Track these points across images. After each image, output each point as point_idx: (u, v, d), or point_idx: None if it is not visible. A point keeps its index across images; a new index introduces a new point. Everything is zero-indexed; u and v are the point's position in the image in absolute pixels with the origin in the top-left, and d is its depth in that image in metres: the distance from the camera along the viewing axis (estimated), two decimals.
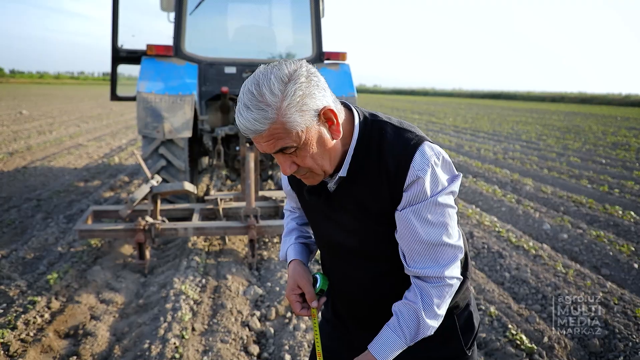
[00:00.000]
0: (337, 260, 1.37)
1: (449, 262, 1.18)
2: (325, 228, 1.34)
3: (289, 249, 1.49)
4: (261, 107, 1.01)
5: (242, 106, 1.03)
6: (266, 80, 1.02)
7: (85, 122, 16.15)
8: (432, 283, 1.18)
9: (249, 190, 4.21)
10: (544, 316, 3.42)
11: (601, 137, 14.76)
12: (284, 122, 1.02)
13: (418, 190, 1.13)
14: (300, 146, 1.07)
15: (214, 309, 3.42)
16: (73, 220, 5.26)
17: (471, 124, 19.13)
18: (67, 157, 9.23)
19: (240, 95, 1.05)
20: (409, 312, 1.19)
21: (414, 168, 1.12)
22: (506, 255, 4.42)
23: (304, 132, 1.06)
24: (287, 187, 1.48)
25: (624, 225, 5.45)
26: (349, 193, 1.22)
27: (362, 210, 1.21)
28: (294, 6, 5.92)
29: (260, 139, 1.05)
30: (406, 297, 1.22)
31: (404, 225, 1.16)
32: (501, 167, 9.21)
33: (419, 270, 1.18)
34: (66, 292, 3.60)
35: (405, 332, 1.19)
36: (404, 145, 1.15)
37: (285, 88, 1.02)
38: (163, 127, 4.53)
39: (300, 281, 1.35)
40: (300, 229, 1.56)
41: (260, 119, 1.01)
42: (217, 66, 5.12)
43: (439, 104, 37.33)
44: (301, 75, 1.04)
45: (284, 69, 1.04)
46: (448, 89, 74.49)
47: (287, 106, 1.02)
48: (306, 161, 1.11)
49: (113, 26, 5.14)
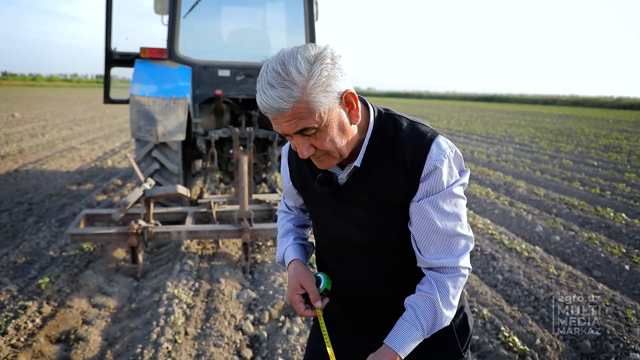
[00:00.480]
0: (341, 258, 1.35)
1: (462, 252, 1.20)
2: (332, 223, 1.32)
3: (287, 249, 1.44)
4: (286, 85, 1.01)
5: (265, 84, 1.03)
6: (293, 59, 1.03)
7: (78, 124, 16.07)
8: (448, 273, 1.20)
9: (242, 194, 4.20)
10: (536, 318, 3.43)
11: (593, 139, 14.87)
12: (309, 101, 1.03)
13: (435, 181, 1.15)
14: (321, 128, 1.08)
15: (207, 312, 3.41)
16: (65, 224, 5.23)
17: (465, 126, 19.21)
18: (59, 160, 9.18)
19: (262, 74, 1.05)
20: (426, 303, 1.19)
21: (432, 158, 1.14)
22: (499, 257, 4.44)
23: (326, 113, 1.07)
24: (287, 183, 1.45)
25: (615, 227, 5.49)
26: (362, 184, 1.22)
27: (376, 201, 1.21)
28: (288, 9, 5.93)
29: (282, 118, 1.05)
30: (420, 290, 1.22)
31: (421, 215, 1.17)
32: (494, 169, 9.26)
33: (435, 261, 1.19)
34: (58, 296, 3.58)
35: (423, 323, 1.19)
36: (420, 137, 1.17)
37: (312, 68, 1.03)
38: (156, 130, 4.52)
39: (303, 281, 1.31)
40: (297, 230, 1.52)
41: (285, 97, 1.01)
42: (211, 69, 5.11)
43: (433, 107, 37.48)
44: (326, 56, 1.05)
45: (310, 50, 1.05)
46: (442, 92, 74.77)
47: (313, 85, 1.03)
48: (325, 144, 1.11)
49: (106, 29, 5.13)
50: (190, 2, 5.12)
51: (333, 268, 1.39)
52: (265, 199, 4.82)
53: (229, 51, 5.79)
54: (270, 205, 4.69)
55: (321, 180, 1.26)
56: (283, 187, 1.51)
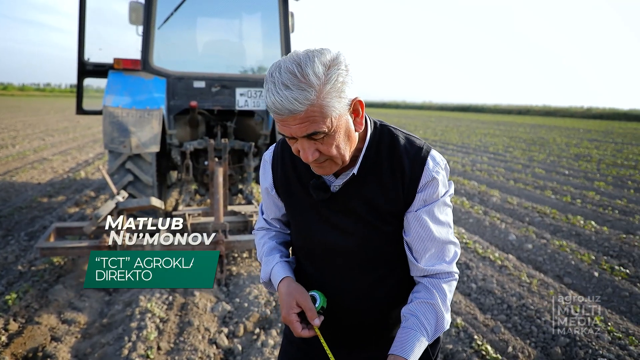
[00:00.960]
0: (328, 269, 1.33)
1: (453, 258, 1.26)
2: (319, 232, 1.30)
3: (275, 267, 1.37)
4: (303, 87, 1.01)
5: (279, 85, 1.02)
6: (310, 61, 1.03)
7: (51, 135, 15.74)
8: (443, 279, 1.24)
9: (217, 205, 4.18)
10: (508, 326, 3.49)
11: (564, 148, 15.24)
12: (323, 105, 1.04)
13: (432, 191, 1.21)
14: (329, 133, 1.09)
15: (180, 326, 3.37)
16: (35, 237, 5.10)
17: (441, 136, 19.49)
18: (30, 172, 8.97)
19: (274, 74, 1.03)
20: (427, 309, 1.22)
21: (429, 169, 1.20)
22: (473, 266, 4.50)
23: (337, 118, 1.08)
24: (271, 192, 1.40)
25: (585, 235, 5.62)
26: (356, 192, 1.23)
27: (370, 209, 1.23)
28: (264, 21, 5.95)
29: (293, 120, 1.05)
30: (418, 297, 1.24)
31: (419, 225, 1.22)
32: (469, 179, 9.40)
33: (431, 268, 1.23)
34: (25, 312, 3.48)
35: (427, 328, 1.20)
36: (417, 149, 1.23)
37: (329, 72, 1.04)
38: (130, 142, 4.47)
39: (300, 298, 1.26)
40: (280, 248, 1.46)
41: (301, 98, 1.01)
42: (186, 80, 5.09)
43: (410, 117, 37.94)
44: (341, 62, 1.07)
45: (326, 54, 1.06)
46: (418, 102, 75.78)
47: (329, 90, 1.04)
48: (331, 149, 1.12)
49: (79, 39, 5.06)
50: (165, 13, 5.11)
51: (316, 279, 1.36)
52: (241, 210, 4.80)
53: (205, 62, 5.77)
54: (246, 217, 4.67)
55: (316, 186, 1.26)
56: (263, 198, 1.47)
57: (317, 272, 1.36)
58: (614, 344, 3.19)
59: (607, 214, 6.63)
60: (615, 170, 10.66)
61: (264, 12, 5.88)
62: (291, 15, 5.60)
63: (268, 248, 1.44)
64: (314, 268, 1.37)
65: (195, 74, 5.17)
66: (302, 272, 1.42)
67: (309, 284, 1.38)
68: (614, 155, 13.45)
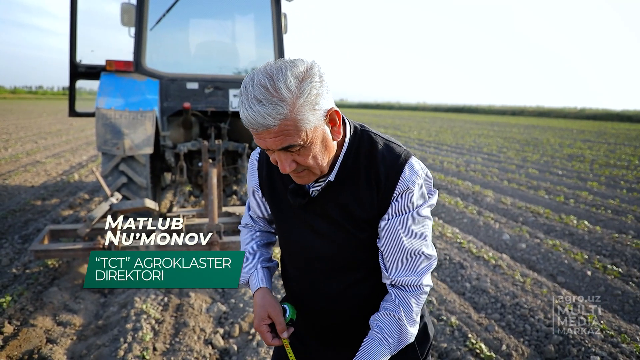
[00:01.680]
0: (307, 271, 1.35)
1: (425, 270, 1.24)
2: (300, 235, 1.32)
3: (253, 274, 1.41)
4: (275, 102, 1.00)
5: (252, 99, 1.01)
6: (282, 75, 1.02)
7: (44, 138, 15.66)
8: (410, 291, 1.24)
9: (211, 206, 4.18)
10: (502, 324, 3.51)
11: (558, 149, 15.34)
12: (296, 119, 1.03)
13: (406, 201, 1.19)
14: (305, 145, 1.08)
15: (176, 327, 3.36)
16: (29, 240, 5.08)
17: (435, 137, 19.55)
18: (23, 175, 8.92)
19: (247, 88, 1.03)
20: (391, 322, 1.23)
21: (404, 179, 1.18)
22: (467, 265, 4.52)
23: (312, 131, 1.07)
24: (257, 191, 1.42)
25: (578, 235, 5.67)
26: (333, 198, 1.23)
27: (345, 216, 1.23)
28: (257, 22, 5.96)
29: (268, 134, 1.04)
30: (384, 308, 1.25)
31: (390, 234, 1.20)
32: (463, 179, 9.44)
33: (399, 279, 1.22)
34: (20, 315, 3.46)
35: (389, 341, 1.22)
36: (394, 157, 1.21)
37: (301, 85, 1.03)
38: (123, 144, 4.46)
39: (271, 311, 1.31)
40: (262, 250, 1.49)
41: (274, 113, 1.00)
42: (179, 82, 5.09)
43: (404, 118, 38.02)
44: (315, 74, 1.06)
45: (298, 66, 1.05)
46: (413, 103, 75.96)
47: (302, 104, 1.03)
48: (308, 160, 1.12)
49: (71, 41, 5.05)
50: (157, 14, 5.10)
51: (297, 280, 1.40)
52: (235, 211, 4.79)
53: (197, 64, 5.77)
54: (240, 218, 4.67)
55: (293, 191, 1.26)
56: (249, 196, 1.48)
57: (297, 272, 1.39)
58: (607, 342, 3.22)
59: (600, 214, 6.68)
60: (608, 171, 10.74)
61: (256, 13, 5.89)
62: (284, 16, 5.62)
63: (250, 251, 1.47)
64: (295, 269, 1.40)
65: (188, 76, 5.17)
66: (284, 270, 1.46)
67: (289, 281, 1.43)
68: (606, 156, 13.55)
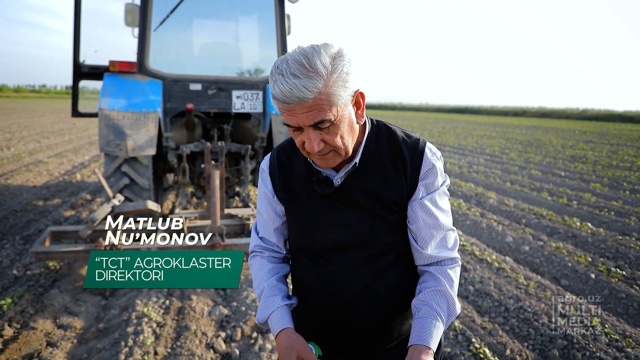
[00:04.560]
0: (330, 266, 1.33)
1: (455, 244, 1.32)
2: (323, 229, 1.31)
3: (275, 314, 1.33)
4: (311, 75, 1.07)
5: (287, 75, 1.07)
6: (317, 53, 1.09)
7: (46, 137, 15.68)
8: (448, 265, 1.29)
9: (214, 208, 4.16)
10: (506, 329, 3.48)
11: (560, 150, 15.29)
12: (330, 93, 1.09)
13: (433, 179, 1.27)
14: (335, 122, 1.13)
15: (177, 331, 3.35)
16: (30, 241, 5.07)
17: (437, 138, 19.52)
18: (25, 175, 8.92)
19: (281, 66, 1.09)
20: (437, 296, 1.25)
21: (427, 158, 1.27)
22: (470, 268, 4.50)
23: (342, 108, 1.14)
24: (272, 197, 1.39)
25: (581, 237, 5.64)
26: (358, 184, 1.27)
27: (373, 200, 1.27)
28: (260, 23, 5.95)
29: (301, 108, 1.09)
30: (427, 287, 1.27)
31: (425, 212, 1.26)
32: (466, 180, 9.41)
33: (436, 255, 1.28)
34: (21, 317, 3.45)
35: (441, 314, 1.24)
36: (414, 141, 1.29)
37: (334, 62, 1.11)
38: (126, 145, 4.45)
39: (302, 351, 1.25)
40: (280, 286, 1.39)
41: (310, 86, 1.06)
42: (182, 83, 5.07)
43: (407, 119, 38.00)
44: (345, 55, 1.13)
45: (330, 48, 1.12)
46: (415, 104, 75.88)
47: (336, 79, 1.10)
48: (336, 139, 1.16)
49: (74, 41, 5.04)
50: (161, 15, 5.09)
51: (321, 273, 1.35)
52: (238, 213, 4.78)
53: (201, 65, 5.76)
54: (243, 220, 4.65)
55: (319, 180, 1.29)
56: (259, 213, 1.44)
57: (320, 270, 1.35)
58: (611, 346, 3.19)
59: (603, 216, 6.65)
60: (611, 172, 10.70)
61: (260, 14, 5.88)
62: (287, 17, 5.60)
63: (268, 287, 1.38)
64: (317, 266, 1.36)
65: (191, 77, 5.15)
66: (303, 272, 1.41)
67: (310, 282, 1.38)
68: (609, 157, 13.50)
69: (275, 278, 1.40)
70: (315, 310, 1.39)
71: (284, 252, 1.48)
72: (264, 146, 5.51)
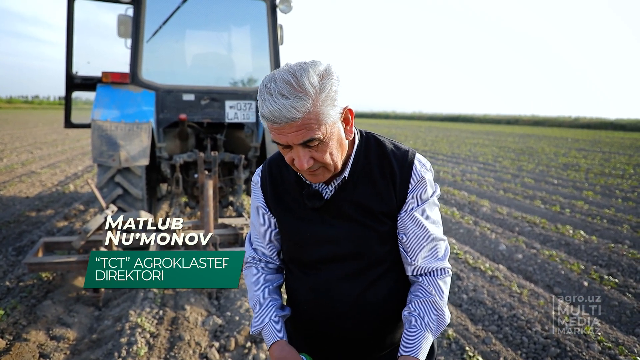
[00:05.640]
0: (323, 276, 1.34)
1: (446, 254, 1.32)
2: (315, 240, 1.32)
3: (268, 325, 1.36)
4: (299, 95, 1.07)
5: (276, 94, 1.07)
6: (305, 72, 1.09)
7: (39, 148, 15.61)
8: (438, 275, 1.30)
9: (207, 218, 4.16)
10: (499, 337, 3.49)
11: (553, 158, 15.40)
12: (318, 112, 1.10)
13: (422, 191, 1.27)
14: (324, 140, 1.14)
15: (171, 341, 3.33)
16: (23, 252, 5.04)
17: (431, 146, 19.61)
18: (18, 186, 8.88)
19: (270, 85, 1.09)
20: (426, 307, 1.26)
21: (417, 170, 1.27)
22: (464, 277, 4.51)
23: (330, 126, 1.14)
24: (264, 210, 1.40)
25: (574, 244, 5.67)
26: (348, 196, 1.28)
27: (364, 212, 1.28)
28: (253, 33, 5.99)
29: (290, 128, 1.10)
30: (417, 297, 1.29)
31: (415, 224, 1.27)
32: (459, 189, 9.45)
33: (426, 266, 1.28)
34: (13, 329, 3.43)
35: (430, 325, 1.25)
36: (403, 152, 1.30)
37: (323, 81, 1.11)
38: (119, 156, 4.45)
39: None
40: (274, 297, 1.42)
41: (299, 106, 1.07)
42: (175, 93, 5.09)
43: (400, 127, 38.14)
44: (333, 73, 1.14)
45: (318, 66, 1.13)
46: (408, 112, 76.21)
47: (324, 99, 1.10)
48: (325, 156, 1.17)
49: (67, 52, 5.05)
50: (153, 26, 5.12)
51: (313, 284, 1.37)
52: (232, 223, 4.78)
53: (194, 75, 5.79)
54: (237, 230, 4.65)
55: (309, 194, 1.30)
56: (252, 224, 1.46)
57: (312, 281, 1.37)
58: (604, 354, 3.21)
59: (596, 224, 6.69)
60: (603, 180, 10.78)
61: (252, 24, 5.92)
62: (280, 27, 5.64)
63: (262, 298, 1.41)
64: (309, 277, 1.37)
65: (184, 87, 5.18)
66: (295, 283, 1.42)
67: (302, 293, 1.40)
68: (601, 165, 13.61)
69: (269, 290, 1.42)
70: (308, 320, 1.41)
71: (278, 263, 1.49)
72: (257, 156, 5.53)
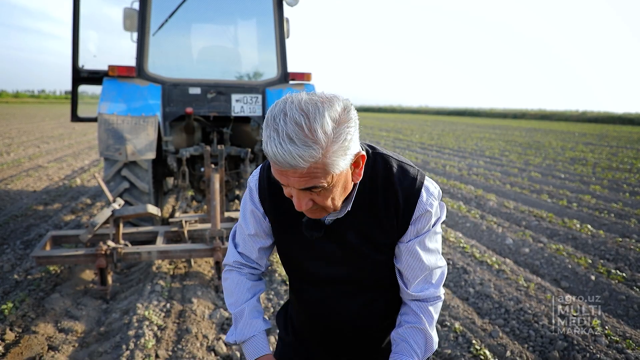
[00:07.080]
0: (319, 291, 1.35)
1: (440, 281, 1.30)
2: (312, 263, 1.30)
3: (256, 338, 1.37)
4: (309, 143, 0.93)
5: (283, 136, 0.93)
6: (319, 115, 0.94)
7: (46, 142, 15.69)
8: (430, 301, 1.29)
9: (214, 212, 4.17)
10: (506, 330, 3.49)
11: (560, 152, 15.30)
12: (327, 163, 0.97)
13: (424, 223, 1.21)
14: (328, 187, 1.04)
15: (178, 334, 3.35)
16: (31, 246, 5.08)
17: (437, 140, 19.54)
18: (25, 180, 8.93)
19: (279, 122, 0.94)
20: (415, 333, 1.27)
21: (422, 202, 1.19)
22: (470, 270, 4.50)
23: (338, 175, 1.03)
24: (263, 219, 1.33)
25: (581, 239, 5.64)
26: (350, 225, 1.22)
27: (364, 241, 1.24)
28: (259, 27, 5.97)
29: (293, 173, 0.98)
30: (407, 322, 1.28)
31: (411, 255, 1.23)
32: (466, 183, 9.42)
33: (420, 294, 1.27)
34: (22, 322, 3.45)
35: (418, 352, 1.26)
36: (411, 180, 1.20)
37: (338, 129, 0.97)
38: (126, 149, 4.45)
39: None
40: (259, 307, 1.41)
41: (306, 156, 0.94)
42: (182, 87, 5.09)
43: (406, 121, 38.02)
44: (352, 118, 1.01)
45: (335, 107, 0.98)
46: (415, 106, 75.97)
47: (336, 150, 0.97)
48: (327, 202, 1.08)
49: (73, 46, 5.06)
50: (159, 19, 5.11)
51: (310, 299, 1.39)
52: (238, 216, 4.78)
53: (200, 68, 5.78)
54: None
55: (308, 225, 1.23)
56: (243, 228, 1.38)
57: (310, 293, 1.39)
58: (612, 348, 3.20)
59: (603, 218, 6.65)
60: (611, 174, 10.71)
61: (259, 17, 5.90)
62: (286, 20, 5.62)
63: (249, 307, 1.39)
64: (307, 291, 1.39)
65: (190, 81, 5.17)
66: (295, 289, 1.45)
67: (298, 306, 1.44)
68: (609, 159, 13.51)
69: (255, 298, 1.42)
70: (303, 334, 1.45)
71: (263, 269, 1.46)
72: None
